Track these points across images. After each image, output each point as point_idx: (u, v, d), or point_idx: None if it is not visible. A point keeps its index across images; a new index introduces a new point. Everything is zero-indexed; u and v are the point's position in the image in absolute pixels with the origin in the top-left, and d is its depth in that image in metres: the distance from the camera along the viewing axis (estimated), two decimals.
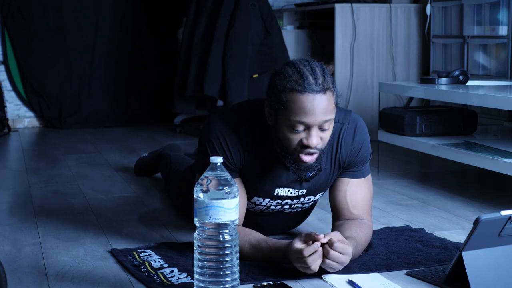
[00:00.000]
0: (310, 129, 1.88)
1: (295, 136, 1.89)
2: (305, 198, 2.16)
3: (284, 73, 1.88)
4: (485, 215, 1.68)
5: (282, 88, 1.87)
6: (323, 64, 1.93)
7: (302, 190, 2.11)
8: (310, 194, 2.15)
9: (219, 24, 4.40)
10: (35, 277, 1.94)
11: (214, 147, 2.01)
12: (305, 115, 1.85)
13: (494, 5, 3.81)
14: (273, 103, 1.90)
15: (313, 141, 1.88)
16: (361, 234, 2.03)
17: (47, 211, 2.72)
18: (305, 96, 1.84)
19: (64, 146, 4.49)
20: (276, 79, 1.90)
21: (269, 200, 2.12)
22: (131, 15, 5.58)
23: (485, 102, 2.83)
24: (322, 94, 1.85)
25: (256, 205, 2.15)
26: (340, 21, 4.54)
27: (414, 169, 3.70)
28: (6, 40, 5.35)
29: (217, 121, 2.04)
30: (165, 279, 1.86)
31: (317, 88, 1.85)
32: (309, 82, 1.85)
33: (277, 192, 2.10)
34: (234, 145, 2.01)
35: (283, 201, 2.14)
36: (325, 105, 1.86)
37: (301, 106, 1.85)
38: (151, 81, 5.63)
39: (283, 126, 1.90)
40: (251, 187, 2.08)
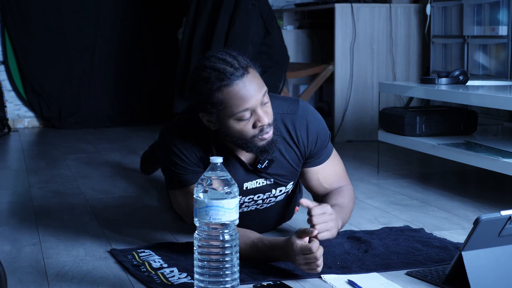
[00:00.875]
0: (255, 111, 1.89)
1: (246, 125, 1.90)
2: (276, 190, 2.16)
3: (201, 78, 1.88)
4: (485, 215, 1.68)
5: (209, 92, 1.86)
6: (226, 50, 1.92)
7: (269, 180, 2.11)
8: (279, 185, 2.15)
9: (219, 24, 4.40)
10: (35, 277, 1.94)
11: (174, 161, 2.01)
12: (245, 102, 1.86)
13: (494, 5, 3.81)
14: (208, 110, 1.90)
15: (265, 120, 1.90)
16: (344, 200, 2.11)
17: (47, 211, 2.72)
18: (236, 85, 1.85)
19: (64, 146, 4.49)
20: (196, 89, 1.89)
21: (240, 197, 2.12)
22: (131, 15, 5.58)
23: (485, 102, 2.83)
24: (247, 74, 1.87)
25: None
26: (340, 21, 4.54)
27: (414, 169, 3.70)
28: (6, 40, 5.35)
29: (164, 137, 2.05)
30: (165, 279, 1.86)
31: (240, 72, 1.86)
32: (230, 71, 1.85)
33: (246, 186, 2.10)
34: (189, 149, 2.01)
35: (255, 195, 2.14)
36: (256, 82, 1.88)
37: (238, 96, 1.85)
38: (151, 81, 5.63)
39: (230, 123, 1.90)
40: None
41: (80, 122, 5.41)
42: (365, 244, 2.16)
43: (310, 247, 1.81)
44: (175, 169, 2.03)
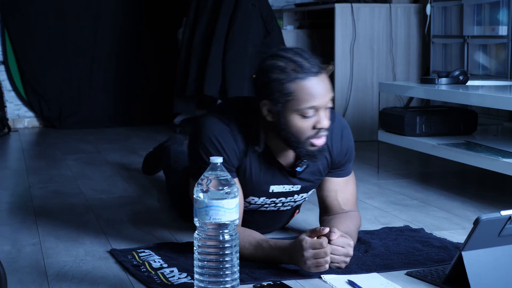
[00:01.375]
0: (319, 112, 1.91)
1: (306, 123, 1.92)
2: (299, 195, 2.17)
3: (276, 67, 1.90)
4: (485, 215, 1.68)
5: (282, 81, 1.88)
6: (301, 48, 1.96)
7: (297, 186, 2.13)
8: (303, 191, 2.16)
9: (219, 24, 4.40)
10: (35, 277, 1.94)
11: (209, 150, 2.00)
12: (314, 99, 1.89)
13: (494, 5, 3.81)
14: (275, 99, 1.91)
15: (326, 123, 1.93)
16: (352, 227, 2.10)
17: (47, 211, 2.72)
18: (310, 81, 1.88)
19: (64, 146, 4.49)
20: (269, 76, 1.90)
21: (264, 198, 2.13)
22: (131, 15, 5.58)
23: (485, 102, 2.82)
24: (322, 74, 1.91)
25: (251, 204, 2.16)
26: (340, 21, 4.54)
27: (414, 169, 3.70)
28: (6, 40, 5.35)
29: (208, 123, 2.02)
30: (165, 279, 1.86)
31: (315, 69, 1.89)
32: (307, 67, 1.89)
33: (272, 189, 2.11)
34: (229, 145, 2.00)
35: (277, 199, 2.15)
36: (327, 83, 1.92)
37: (309, 91, 1.88)
38: (151, 81, 5.63)
39: (292, 117, 1.91)
40: (246, 186, 2.08)
41: (80, 122, 5.40)
42: (365, 244, 2.16)
43: (320, 241, 1.82)
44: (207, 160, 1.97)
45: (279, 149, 2.04)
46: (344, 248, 1.89)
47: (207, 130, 2.01)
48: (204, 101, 4.86)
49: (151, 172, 3.33)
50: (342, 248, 1.89)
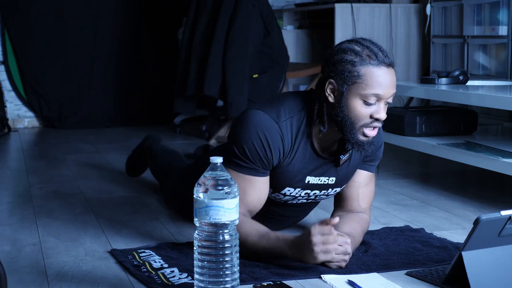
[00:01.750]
0: (380, 102, 1.95)
1: (365, 110, 1.94)
2: (332, 189, 2.17)
3: (351, 49, 1.94)
4: (485, 215, 1.68)
5: (355, 63, 1.92)
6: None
7: (332, 178, 2.13)
8: (337, 185, 2.16)
9: (219, 24, 4.40)
10: (35, 277, 1.94)
11: (254, 147, 1.99)
12: (380, 87, 1.92)
13: (494, 5, 3.81)
14: (342, 79, 1.93)
15: (383, 115, 1.96)
16: (358, 229, 2.10)
17: (47, 211, 2.72)
18: (381, 70, 1.92)
19: (64, 146, 4.49)
20: (342, 56, 1.94)
21: (299, 189, 2.13)
22: (131, 15, 5.58)
23: (485, 102, 2.83)
24: (392, 68, 1.96)
25: (285, 196, 2.15)
26: (340, 21, 4.54)
27: (414, 169, 3.70)
28: (6, 40, 5.35)
29: (256, 117, 2.00)
30: (165, 279, 1.86)
31: (387, 61, 1.94)
32: (381, 56, 1.93)
33: (308, 180, 2.11)
34: (275, 144, 2.00)
35: (311, 191, 2.15)
36: (394, 78, 1.97)
37: (378, 80, 1.92)
38: (151, 81, 5.63)
39: (354, 100, 1.94)
40: (285, 176, 2.07)
41: (80, 122, 5.40)
42: (365, 244, 2.16)
43: (329, 227, 1.85)
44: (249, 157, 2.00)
45: (325, 138, 2.05)
46: (342, 247, 1.90)
47: (255, 125, 2.00)
48: (204, 101, 4.86)
49: (136, 174, 3.31)
50: (340, 246, 1.90)
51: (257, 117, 2.00)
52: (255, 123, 2.00)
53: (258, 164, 2.01)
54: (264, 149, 1.99)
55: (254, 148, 1.99)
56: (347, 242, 1.91)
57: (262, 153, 2.00)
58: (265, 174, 2.04)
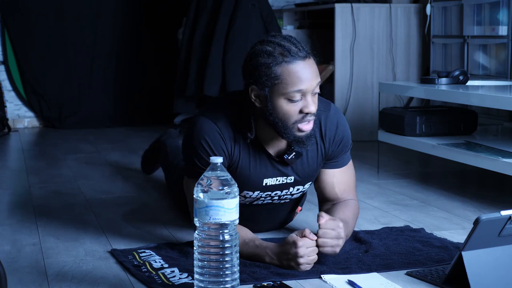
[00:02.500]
0: (306, 96, 1.92)
1: (293, 108, 1.92)
2: (294, 188, 2.17)
3: (263, 51, 1.91)
4: (485, 215, 1.68)
5: (270, 65, 1.90)
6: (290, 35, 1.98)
7: (290, 177, 2.13)
8: (298, 184, 2.16)
9: (219, 24, 4.40)
10: (35, 277, 1.94)
11: (198, 152, 2.02)
12: (301, 83, 1.90)
13: (494, 5, 3.81)
14: (262, 83, 1.92)
15: (312, 108, 1.93)
16: (349, 214, 2.11)
17: (47, 211, 2.72)
18: (297, 65, 1.89)
19: (64, 146, 4.49)
20: (257, 60, 1.92)
21: (258, 192, 2.14)
22: (131, 15, 5.58)
23: (485, 102, 2.83)
24: (309, 59, 1.92)
25: (246, 198, 2.16)
26: (340, 21, 4.54)
27: (414, 169, 3.70)
28: (6, 40, 5.35)
29: (197, 124, 2.04)
30: (165, 279, 1.86)
31: (302, 54, 1.90)
32: (294, 51, 1.90)
33: (266, 183, 2.11)
34: (216, 143, 2.02)
35: (272, 192, 2.15)
36: (314, 68, 1.93)
37: (296, 75, 1.89)
38: (151, 81, 5.63)
39: (279, 101, 1.92)
40: (239, 180, 2.08)
41: (80, 122, 5.40)
42: (365, 244, 2.16)
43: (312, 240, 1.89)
44: (197, 161, 2.03)
45: (269, 139, 2.05)
46: (334, 231, 1.91)
47: (196, 132, 2.03)
48: (204, 101, 4.86)
49: (151, 170, 3.32)
50: (332, 230, 1.91)
51: (198, 124, 2.04)
52: (196, 130, 2.03)
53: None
54: (207, 153, 2.01)
55: (200, 155, 2.02)
56: (339, 226, 1.92)
57: (207, 157, 2.00)
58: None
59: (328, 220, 1.92)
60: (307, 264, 1.89)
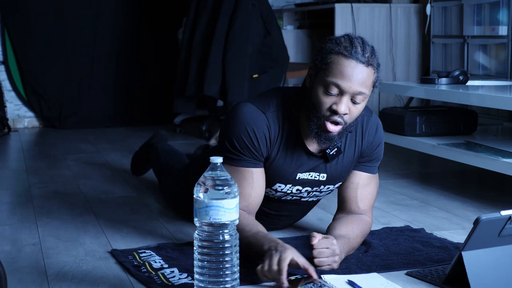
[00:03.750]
0: (342, 95, 1.92)
1: (327, 99, 1.93)
2: (324, 186, 2.17)
3: (337, 39, 1.96)
4: (485, 215, 1.68)
5: (330, 50, 1.93)
6: (374, 47, 1.98)
7: (323, 174, 2.13)
8: (329, 183, 2.16)
9: (219, 24, 4.40)
10: (35, 277, 1.94)
11: (242, 139, 2.02)
12: (342, 79, 1.90)
13: (494, 5, 3.81)
14: (317, 64, 1.95)
15: (342, 108, 1.92)
16: (356, 230, 2.08)
17: (47, 211, 2.72)
18: (348, 61, 1.90)
19: (64, 146, 4.49)
20: (327, 43, 1.97)
21: (290, 186, 2.14)
22: (131, 15, 5.58)
23: (485, 102, 2.83)
24: (365, 66, 1.91)
25: (277, 192, 2.16)
26: (340, 21, 4.54)
27: (414, 169, 3.70)
28: (6, 40, 5.35)
29: (242, 109, 2.05)
30: (165, 279, 1.86)
31: (362, 58, 1.91)
32: (357, 51, 1.91)
33: (299, 177, 2.12)
34: (261, 132, 2.03)
35: (303, 187, 2.15)
36: (364, 76, 1.91)
37: (341, 69, 1.90)
38: (151, 81, 5.63)
39: (318, 86, 1.94)
40: (274, 172, 2.09)
41: (80, 122, 5.40)
42: (365, 244, 2.16)
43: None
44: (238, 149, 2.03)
45: (306, 136, 2.06)
46: (328, 249, 1.90)
47: (242, 118, 2.04)
48: (204, 101, 4.86)
49: (140, 172, 3.31)
50: (326, 249, 1.90)
51: (244, 110, 2.05)
52: (241, 115, 2.04)
53: (248, 155, 2.04)
54: (251, 139, 2.02)
55: (242, 139, 2.02)
56: (333, 243, 1.91)
57: (249, 143, 2.02)
58: (258, 165, 2.06)
59: (321, 239, 1.90)
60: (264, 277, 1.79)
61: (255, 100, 2.08)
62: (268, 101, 2.06)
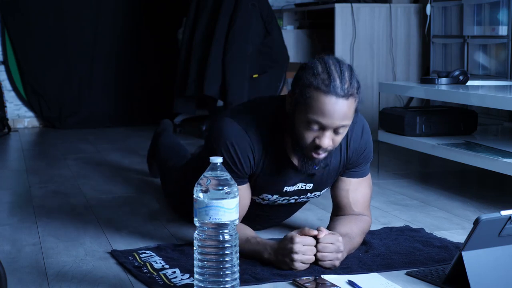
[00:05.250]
0: (324, 130, 1.89)
1: (309, 134, 1.90)
2: (311, 194, 2.19)
3: (314, 68, 1.88)
4: (485, 215, 1.68)
5: (308, 84, 1.87)
6: (352, 67, 1.92)
7: (309, 184, 2.14)
8: (316, 190, 2.18)
9: (219, 24, 4.40)
10: (35, 277, 1.94)
11: (225, 160, 1.98)
12: (322, 116, 1.86)
13: (494, 5, 3.81)
14: (296, 95, 1.91)
15: (325, 143, 1.90)
16: (356, 229, 2.09)
17: (47, 211, 2.72)
18: (328, 98, 1.84)
19: (64, 146, 4.49)
20: (304, 73, 1.90)
21: (277, 196, 2.15)
22: (131, 15, 5.58)
23: (485, 102, 2.83)
24: (345, 99, 1.85)
25: (264, 200, 2.18)
26: (340, 21, 4.54)
27: (414, 169, 3.70)
28: (6, 40, 5.34)
29: (226, 126, 2.02)
30: (167, 280, 1.86)
31: (341, 92, 1.84)
32: (335, 85, 1.84)
33: (286, 189, 2.13)
34: (244, 153, 2.01)
35: (290, 197, 2.17)
36: (345, 110, 1.86)
37: (321, 107, 1.85)
38: (151, 81, 5.63)
39: (299, 121, 1.91)
40: (260, 185, 2.10)
41: (80, 122, 5.40)
42: (365, 244, 2.16)
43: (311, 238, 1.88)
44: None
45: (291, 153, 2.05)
46: (333, 245, 1.91)
47: (224, 135, 2.01)
48: (204, 101, 4.86)
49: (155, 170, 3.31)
50: (331, 244, 1.91)
51: (229, 128, 2.01)
52: (226, 133, 2.01)
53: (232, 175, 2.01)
54: (234, 160, 2.01)
55: (226, 161, 1.99)
56: (338, 240, 1.92)
57: (233, 165, 2.00)
58: (242, 182, 2.05)
59: (327, 234, 1.92)
60: (301, 262, 1.88)
61: (238, 116, 2.04)
62: (251, 118, 2.02)
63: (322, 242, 1.90)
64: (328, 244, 1.91)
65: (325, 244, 1.90)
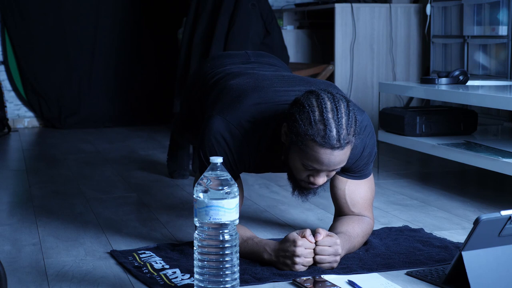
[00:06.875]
0: (319, 172, 1.90)
1: (303, 172, 1.92)
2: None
3: (311, 112, 1.83)
4: (485, 215, 1.68)
5: (304, 132, 1.83)
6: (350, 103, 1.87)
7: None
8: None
9: (219, 24, 4.40)
10: (35, 277, 1.94)
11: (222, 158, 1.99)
12: (318, 164, 1.86)
13: (494, 5, 3.81)
14: (291, 133, 1.87)
15: (319, 181, 1.92)
16: (357, 229, 2.09)
17: (47, 211, 2.72)
18: (323, 150, 1.83)
19: (64, 146, 4.49)
20: (300, 116, 1.84)
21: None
22: (131, 15, 5.58)
23: (485, 102, 2.83)
24: (340, 150, 1.84)
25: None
26: (340, 21, 4.54)
27: (414, 169, 3.70)
28: (6, 40, 5.35)
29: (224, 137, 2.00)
30: (168, 280, 1.86)
31: (337, 144, 1.82)
32: (331, 136, 1.81)
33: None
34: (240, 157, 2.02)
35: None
36: (341, 158, 1.86)
37: (317, 156, 1.84)
38: (151, 81, 5.63)
39: (294, 157, 1.90)
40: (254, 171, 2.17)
41: (80, 122, 5.41)
42: (365, 244, 2.16)
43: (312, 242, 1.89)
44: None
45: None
46: (331, 247, 1.91)
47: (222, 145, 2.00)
48: None
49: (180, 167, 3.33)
50: (329, 247, 1.91)
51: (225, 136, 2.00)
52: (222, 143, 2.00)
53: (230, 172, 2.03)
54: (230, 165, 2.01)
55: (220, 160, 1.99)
56: (336, 243, 1.92)
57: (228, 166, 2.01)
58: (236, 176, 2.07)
59: (325, 236, 1.92)
60: (302, 265, 1.90)
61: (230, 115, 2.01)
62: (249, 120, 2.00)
63: (320, 245, 1.91)
64: (325, 247, 1.91)
65: (323, 247, 1.91)
